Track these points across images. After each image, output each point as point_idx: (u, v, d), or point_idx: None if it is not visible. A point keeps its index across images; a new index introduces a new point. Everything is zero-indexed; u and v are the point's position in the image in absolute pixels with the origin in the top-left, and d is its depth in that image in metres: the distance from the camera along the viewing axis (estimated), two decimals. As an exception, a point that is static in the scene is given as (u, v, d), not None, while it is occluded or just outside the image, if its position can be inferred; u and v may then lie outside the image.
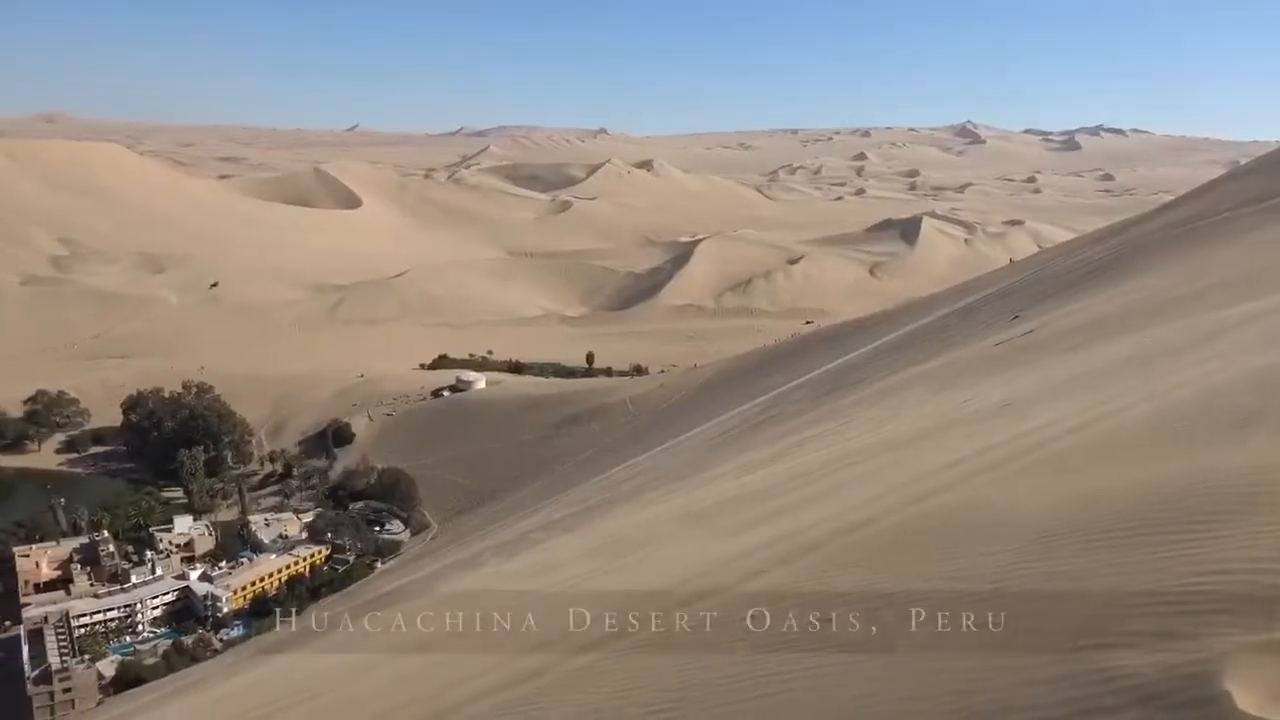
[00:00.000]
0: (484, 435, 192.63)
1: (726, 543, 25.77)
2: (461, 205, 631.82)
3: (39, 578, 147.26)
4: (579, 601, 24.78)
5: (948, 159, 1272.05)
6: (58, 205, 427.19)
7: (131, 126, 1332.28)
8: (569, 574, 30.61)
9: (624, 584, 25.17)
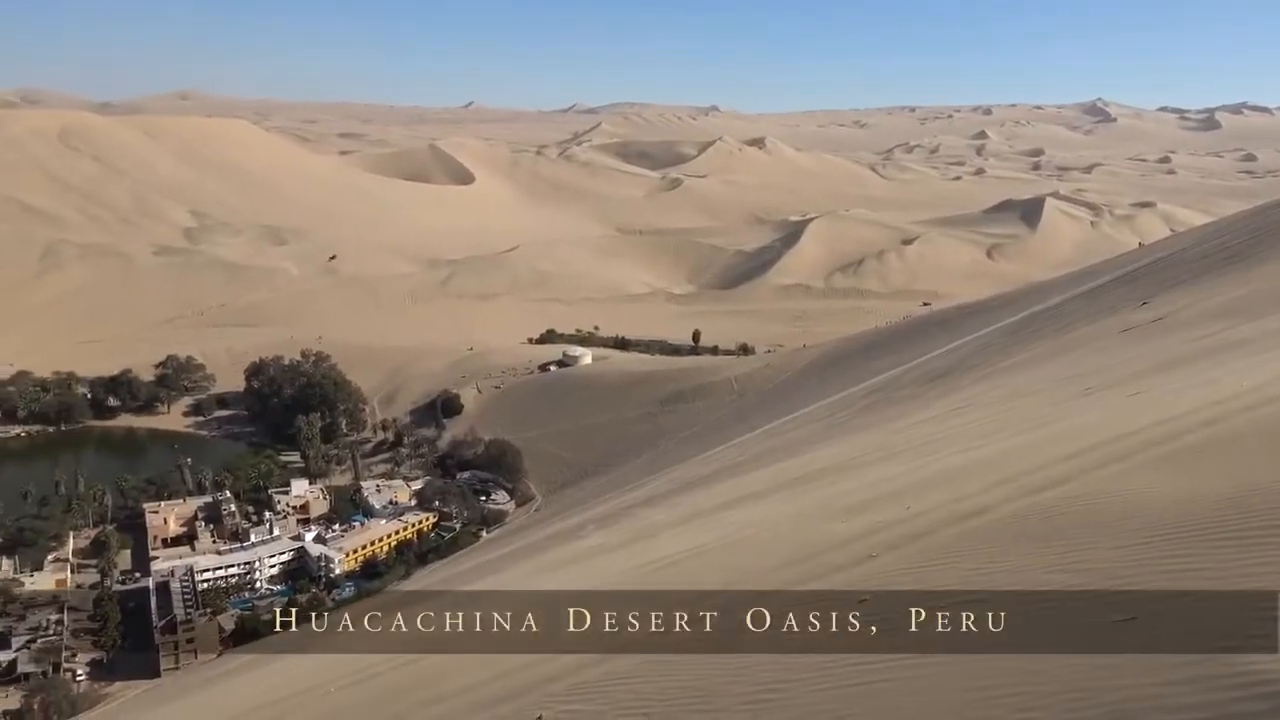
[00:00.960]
0: (588, 410, 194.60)
1: (833, 527, 25.30)
2: (572, 182, 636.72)
3: (166, 533, 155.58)
4: (682, 579, 24.70)
5: (1075, 138, 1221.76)
6: (190, 179, 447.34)
7: (259, 104, 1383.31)
8: (673, 551, 30.58)
9: (728, 563, 24.98)
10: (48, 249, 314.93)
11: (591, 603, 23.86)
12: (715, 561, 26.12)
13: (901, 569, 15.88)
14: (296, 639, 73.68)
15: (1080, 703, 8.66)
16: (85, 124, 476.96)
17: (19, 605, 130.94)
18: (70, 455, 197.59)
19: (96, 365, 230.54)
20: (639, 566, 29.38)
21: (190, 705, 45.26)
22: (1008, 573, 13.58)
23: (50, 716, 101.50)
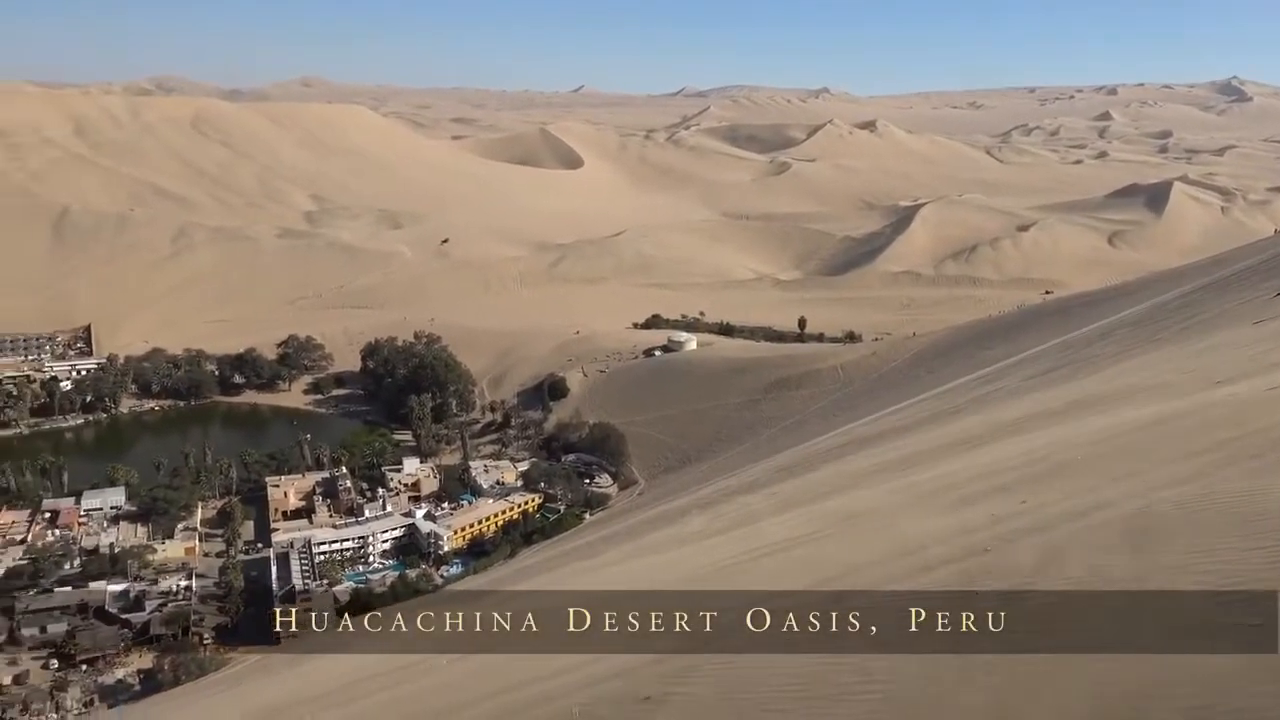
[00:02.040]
0: (692, 396, 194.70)
1: (943, 518, 24.82)
2: (679, 166, 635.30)
3: (286, 506, 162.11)
4: (787, 567, 24.63)
5: (1207, 119, 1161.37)
6: (311, 164, 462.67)
7: (377, 90, 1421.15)
8: (776, 539, 30.49)
9: (833, 553, 24.78)
10: (180, 231, 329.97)
11: (696, 589, 23.99)
12: (820, 550, 25.91)
13: (1017, 564, 15.50)
14: (405, 613, 75.99)
15: (1194, 704, 8.35)
16: (215, 111, 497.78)
17: (152, 571, 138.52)
18: (199, 429, 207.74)
19: (224, 343, 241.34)
20: (742, 553, 29.36)
21: (310, 671, 47.17)
22: (1130, 571, 13.12)
23: (179, 677, 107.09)
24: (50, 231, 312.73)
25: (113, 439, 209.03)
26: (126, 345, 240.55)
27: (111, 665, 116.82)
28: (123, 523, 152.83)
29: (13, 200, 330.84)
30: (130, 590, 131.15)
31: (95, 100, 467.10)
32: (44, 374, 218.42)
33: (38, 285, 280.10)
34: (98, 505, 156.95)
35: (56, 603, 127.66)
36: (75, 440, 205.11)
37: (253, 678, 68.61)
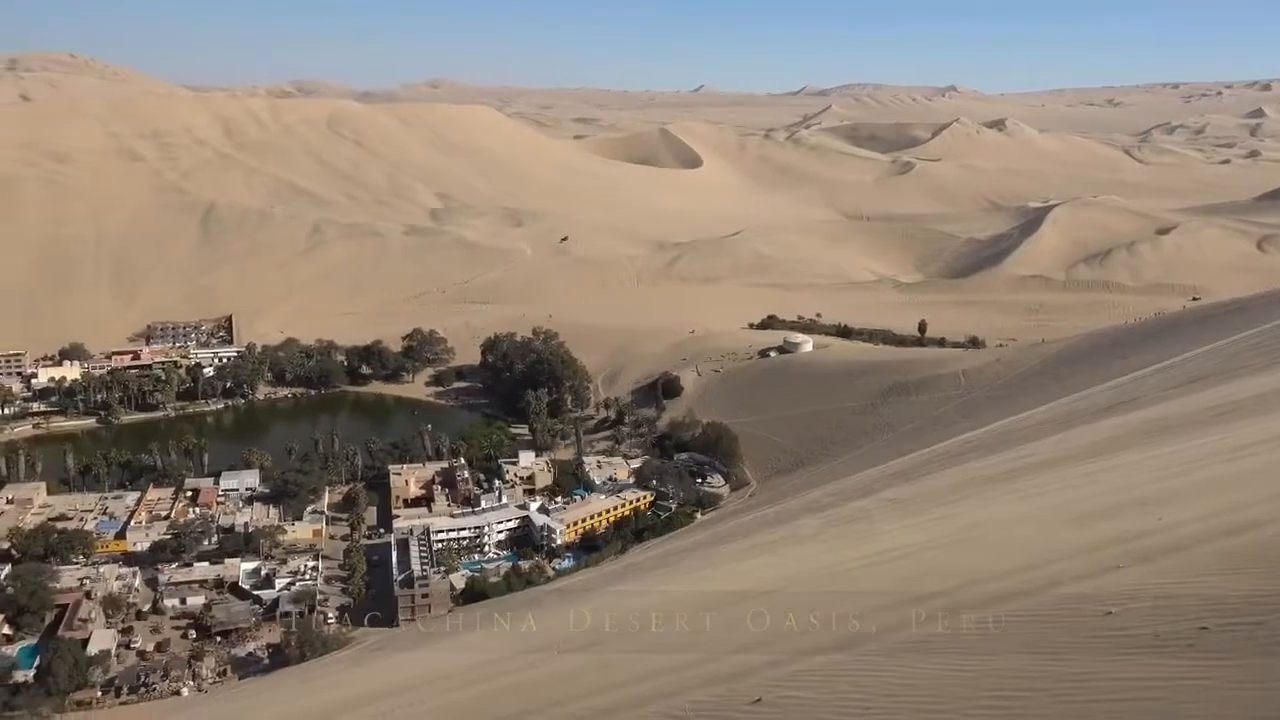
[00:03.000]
0: (808, 398, 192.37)
1: (1071, 532, 23.92)
2: (799, 165, 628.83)
3: (407, 494, 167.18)
4: (904, 575, 24.15)
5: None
6: (437, 163, 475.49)
7: (502, 90, 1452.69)
8: (893, 545, 29.91)
9: (954, 563, 24.16)
10: (315, 227, 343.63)
11: (811, 592, 23.75)
12: (940, 560, 25.32)
13: (1153, 583, 14.85)
14: (519, 604, 77.55)
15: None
16: (349, 112, 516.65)
17: (282, 551, 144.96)
18: (328, 417, 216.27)
19: (352, 335, 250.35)
20: (856, 558, 28.92)
21: (428, 654, 48.55)
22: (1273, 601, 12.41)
23: (305, 653, 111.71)
24: (198, 226, 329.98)
25: (249, 424, 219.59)
26: (263, 335, 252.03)
27: (243, 638, 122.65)
28: (256, 504, 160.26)
29: (166, 197, 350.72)
30: (262, 568, 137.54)
31: (241, 102, 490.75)
32: (189, 360, 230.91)
33: (186, 277, 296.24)
34: (234, 486, 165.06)
35: (196, 577, 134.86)
36: (215, 424, 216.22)
37: (373, 658, 70.96)
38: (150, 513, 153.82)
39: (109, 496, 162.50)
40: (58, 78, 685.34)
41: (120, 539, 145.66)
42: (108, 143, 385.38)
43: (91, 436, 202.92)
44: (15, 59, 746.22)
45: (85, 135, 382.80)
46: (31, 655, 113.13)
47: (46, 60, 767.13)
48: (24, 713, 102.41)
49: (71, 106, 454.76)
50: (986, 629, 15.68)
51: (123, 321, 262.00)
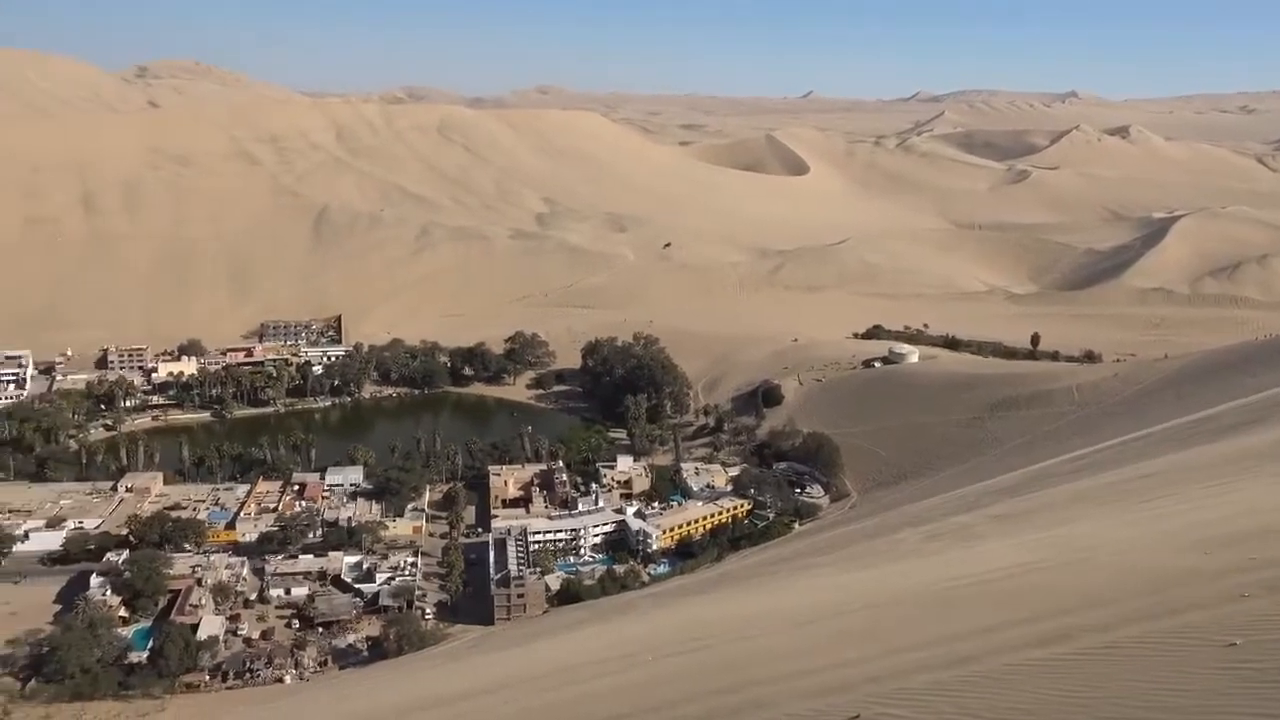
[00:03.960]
0: (912, 410, 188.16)
1: (1192, 557, 22.39)
2: (909, 173, 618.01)
3: (506, 495, 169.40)
4: (1012, 595, 22.96)
5: None
6: (545, 168, 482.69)
7: (609, 97, 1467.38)
8: (1000, 564, 28.58)
9: (1065, 584, 22.87)
10: (423, 230, 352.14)
11: (912, 608, 22.77)
12: (1049, 581, 24.04)
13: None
14: (614, 607, 77.41)
15: None
16: (459, 118, 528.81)
17: (383, 546, 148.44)
18: (430, 416, 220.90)
19: (456, 337, 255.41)
20: (961, 576, 27.71)
21: (524, 653, 48.72)
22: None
23: (403, 647, 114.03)
24: (311, 228, 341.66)
25: (355, 421, 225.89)
26: (370, 335, 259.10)
27: (344, 630, 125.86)
28: (359, 499, 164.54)
29: (282, 199, 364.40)
30: (363, 562, 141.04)
31: (355, 108, 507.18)
32: (300, 358, 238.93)
33: (298, 277, 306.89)
34: (339, 481, 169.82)
35: (300, 568, 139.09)
36: (323, 420, 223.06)
37: (470, 655, 71.76)
38: (259, 505, 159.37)
39: (221, 488, 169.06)
40: (183, 84, 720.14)
41: (230, 529, 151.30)
42: (228, 147, 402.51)
43: (206, 430, 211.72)
44: (145, 67, 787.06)
45: (207, 140, 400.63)
46: (145, 638, 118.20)
47: (173, 68, 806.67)
48: (138, 692, 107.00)
49: (195, 112, 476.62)
50: (1100, 656, 14.60)
51: (238, 319, 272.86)
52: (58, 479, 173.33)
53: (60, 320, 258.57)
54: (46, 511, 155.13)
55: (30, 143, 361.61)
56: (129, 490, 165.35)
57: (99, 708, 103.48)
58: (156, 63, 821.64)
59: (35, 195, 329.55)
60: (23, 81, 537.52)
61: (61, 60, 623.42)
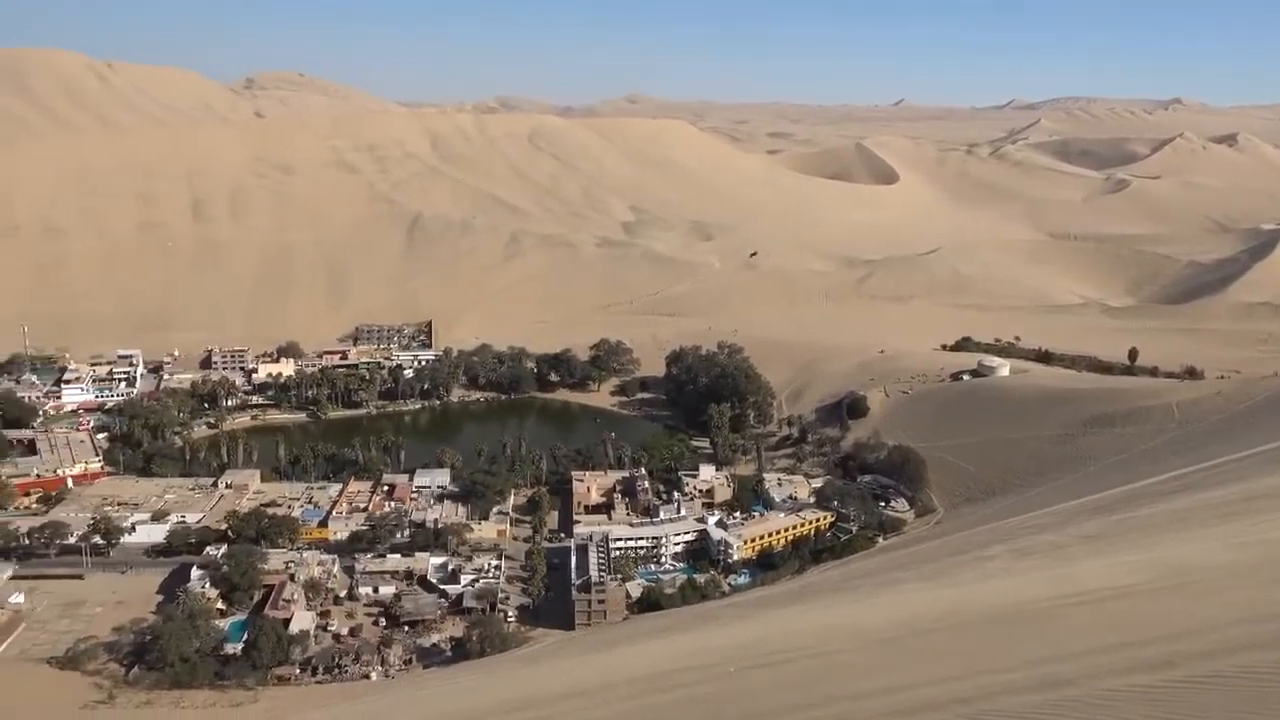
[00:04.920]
0: (1001, 424, 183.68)
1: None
2: (1002, 182, 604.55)
3: (588, 501, 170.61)
4: (1110, 619, 22.34)
5: None
6: (632, 176, 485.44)
7: (697, 105, 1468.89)
8: (1095, 586, 27.80)
9: (1165, 609, 22.18)
10: (512, 237, 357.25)
11: (1001, 628, 22.34)
12: (1147, 604, 23.34)
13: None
14: (695, 616, 77.27)
15: None
16: (549, 127, 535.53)
17: (468, 548, 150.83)
18: (516, 421, 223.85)
19: (543, 343, 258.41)
20: (1053, 597, 27.04)
21: (605, 659, 49.04)
22: None
23: (485, 649, 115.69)
24: (405, 235, 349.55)
25: (443, 424, 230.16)
26: (460, 340, 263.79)
27: (429, 630, 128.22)
28: (446, 501, 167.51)
29: (378, 207, 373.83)
30: (449, 564, 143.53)
31: (450, 118, 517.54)
32: (392, 362, 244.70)
33: (392, 282, 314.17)
34: (427, 483, 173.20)
35: (388, 567, 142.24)
36: (412, 423, 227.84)
37: (550, 658, 72.44)
38: (350, 504, 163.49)
39: (314, 486, 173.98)
40: (287, 95, 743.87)
41: (322, 527, 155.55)
42: (328, 156, 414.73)
43: (301, 429, 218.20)
44: (252, 79, 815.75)
45: (308, 149, 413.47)
46: (240, 630, 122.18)
47: (279, 80, 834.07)
48: (232, 683, 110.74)
49: (298, 122, 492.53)
50: (1204, 684, 14.18)
51: (334, 323, 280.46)
52: (163, 474, 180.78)
53: (169, 322, 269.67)
54: (152, 505, 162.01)
55: (145, 151, 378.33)
56: (228, 487, 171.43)
57: (196, 696, 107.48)
58: (263, 74, 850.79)
59: (149, 201, 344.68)
60: (140, 93, 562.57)
61: (176, 72, 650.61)
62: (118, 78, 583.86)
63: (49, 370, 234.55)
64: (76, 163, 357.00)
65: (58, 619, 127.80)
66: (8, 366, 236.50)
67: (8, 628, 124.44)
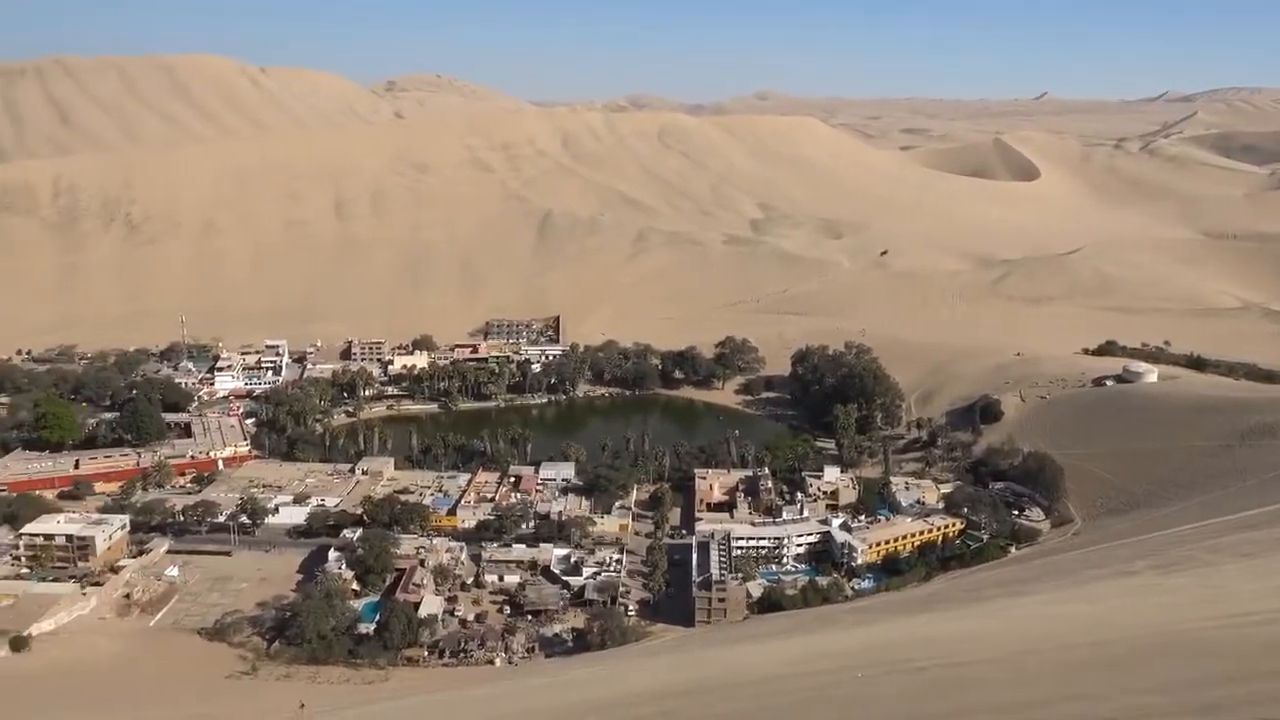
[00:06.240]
0: (1147, 434, 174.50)
1: None
2: (1154, 179, 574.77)
3: (710, 499, 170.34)
4: (1268, 645, 20.82)
5: None
6: (760, 174, 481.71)
7: (828, 101, 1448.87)
8: (1252, 608, 26.01)
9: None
10: (640, 234, 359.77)
11: (1147, 647, 21.09)
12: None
13: None
14: (816, 619, 76.29)
15: None
16: (678, 124, 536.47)
17: (590, 541, 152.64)
18: (640, 417, 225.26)
19: (668, 340, 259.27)
20: (1206, 619, 25.41)
21: (723, 656, 48.81)
22: None
23: (605, 641, 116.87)
24: (535, 232, 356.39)
25: (568, 419, 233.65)
26: (586, 336, 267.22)
27: (551, 619, 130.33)
28: (570, 494, 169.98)
29: (509, 204, 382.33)
30: (571, 555, 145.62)
31: (580, 117, 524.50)
32: (520, 356, 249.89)
33: (522, 278, 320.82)
34: (552, 476, 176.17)
35: (513, 557, 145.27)
36: (539, 417, 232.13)
37: (671, 654, 72.63)
38: (478, 494, 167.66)
39: (444, 475, 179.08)
40: (425, 96, 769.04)
41: (451, 515, 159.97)
42: (463, 154, 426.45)
43: (433, 420, 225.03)
44: (393, 81, 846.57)
45: (444, 148, 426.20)
46: (373, 611, 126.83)
47: (418, 81, 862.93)
48: (365, 662, 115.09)
49: (435, 123, 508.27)
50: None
51: (466, 317, 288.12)
52: (304, 459, 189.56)
53: (312, 314, 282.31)
54: (294, 488, 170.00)
55: (292, 152, 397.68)
56: (364, 473, 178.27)
57: (330, 672, 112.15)
58: (404, 76, 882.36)
59: (295, 200, 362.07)
60: (290, 97, 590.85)
61: (323, 76, 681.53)
62: (270, 82, 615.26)
63: (204, 358, 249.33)
64: (232, 164, 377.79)
65: (207, 592, 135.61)
66: (167, 354, 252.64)
67: (164, 598, 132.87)
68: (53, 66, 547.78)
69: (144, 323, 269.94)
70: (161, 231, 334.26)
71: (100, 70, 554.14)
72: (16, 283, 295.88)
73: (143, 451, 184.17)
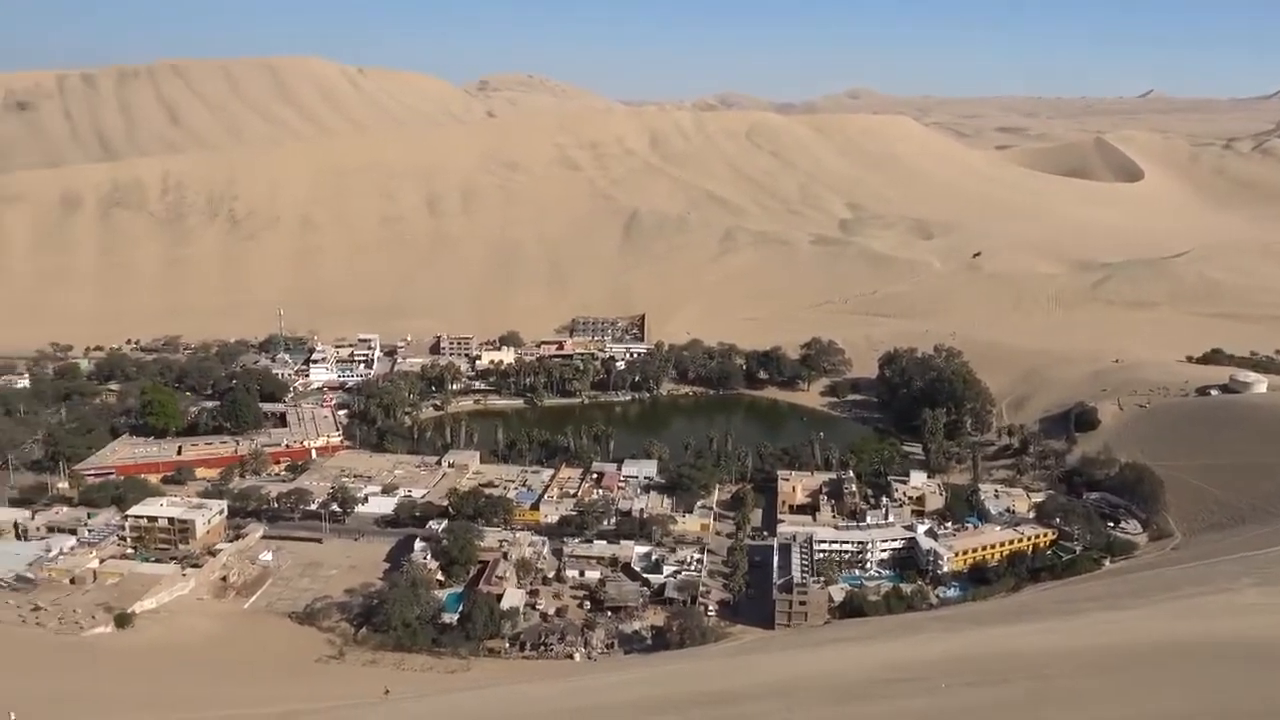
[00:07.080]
0: (1255, 446, 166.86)
1: None
2: (1268, 179, 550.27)
3: (793, 500, 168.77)
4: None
5: None
6: (850, 173, 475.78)
7: (921, 100, 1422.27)
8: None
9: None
10: (726, 234, 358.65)
11: (1252, 666, 20.12)
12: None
13: None
14: (900, 626, 74.97)
15: None
16: (767, 123, 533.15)
17: (671, 540, 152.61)
18: (723, 417, 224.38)
19: (753, 339, 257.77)
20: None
21: (799, 659, 48.34)
22: None
23: (684, 640, 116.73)
24: (622, 230, 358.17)
25: (652, 417, 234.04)
26: (671, 334, 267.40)
27: (630, 616, 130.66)
28: (652, 492, 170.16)
29: (597, 203, 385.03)
30: (652, 553, 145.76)
31: (669, 116, 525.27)
32: (605, 354, 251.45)
33: (609, 276, 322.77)
34: (634, 474, 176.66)
35: (594, 553, 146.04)
36: (622, 414, 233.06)
37: (751, 655, 72.26)
38: (561, 489, 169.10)
39: (528, 470, 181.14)
40: (517, 96, 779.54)
41: (534, 510, 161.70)
42: (552, 153, 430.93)
43: (518, 415, 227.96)
44: (486, 80, 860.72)
45: (534, 147, 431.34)
46: (457, 601, 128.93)
47: (510, 81, 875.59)
48: (448, 651, 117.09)
49: (525, 122, 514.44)
50: None
51: (552, 314, 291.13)
52: (393, 450, 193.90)
53: (403, 309, 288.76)
54: (383, 479, 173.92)
55: (388, 151, 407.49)
56: (450, 466, 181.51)
57: (415, 660, 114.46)
58: (496, 76, 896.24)
59: (390, 197, 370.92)
60: (387, 97, 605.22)
61: (418, 76, 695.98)
62: (368, 82, 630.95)
63: (299, 350, 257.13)
64: (330, 162, 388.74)
65: (299, 577, 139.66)
66: (265, 345, 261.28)
67: (258, 581, 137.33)
68: (164, 68, 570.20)
69: (244, 314, 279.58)
70: (262, 227, 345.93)
71: (208, 71, 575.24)
72: (127, 275, 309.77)
73: (241, 439, 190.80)
